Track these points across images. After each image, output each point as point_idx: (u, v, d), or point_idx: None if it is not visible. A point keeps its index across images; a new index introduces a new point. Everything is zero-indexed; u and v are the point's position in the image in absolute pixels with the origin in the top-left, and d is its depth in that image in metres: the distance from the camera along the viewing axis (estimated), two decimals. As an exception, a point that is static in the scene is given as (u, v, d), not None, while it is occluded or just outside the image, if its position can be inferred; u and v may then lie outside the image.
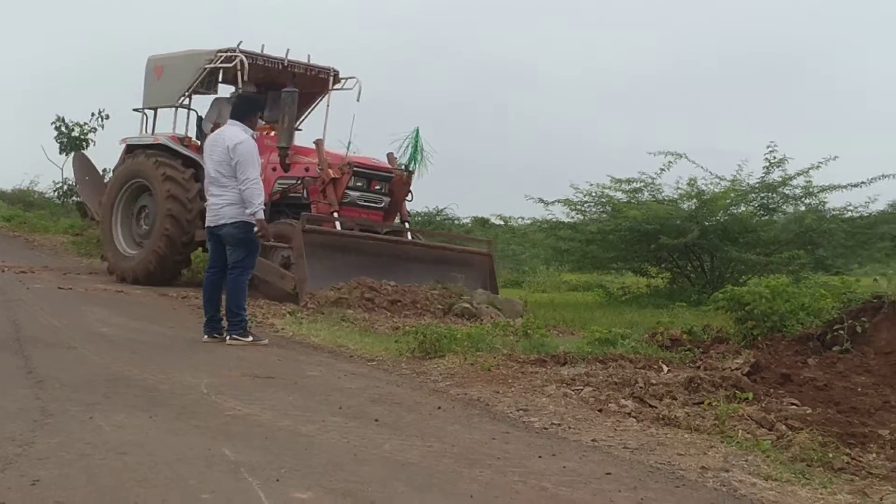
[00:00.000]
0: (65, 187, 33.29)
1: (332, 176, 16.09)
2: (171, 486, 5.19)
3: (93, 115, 31.68)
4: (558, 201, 22.74)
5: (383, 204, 17.04)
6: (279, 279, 15.28)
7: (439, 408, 7.95)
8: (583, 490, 5.71)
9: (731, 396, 8.32)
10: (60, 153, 31.72)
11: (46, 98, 58.09)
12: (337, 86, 18.26)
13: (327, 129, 17.95)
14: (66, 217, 30.20)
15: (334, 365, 9.95)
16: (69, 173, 31.65)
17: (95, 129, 31.39)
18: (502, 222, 33.87)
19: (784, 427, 7.38)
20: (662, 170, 21.83)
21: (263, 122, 17.14)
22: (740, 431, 7.31)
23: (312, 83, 18.26)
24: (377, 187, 16.92)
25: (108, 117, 31.49)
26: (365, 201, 16.65)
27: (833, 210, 21.52)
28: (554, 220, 23.71)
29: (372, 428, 7.02)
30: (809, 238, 21.07)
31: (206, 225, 11.21)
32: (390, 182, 17.19)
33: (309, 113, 18.84)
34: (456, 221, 41.15)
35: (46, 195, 36.38)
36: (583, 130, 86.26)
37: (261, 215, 10.99)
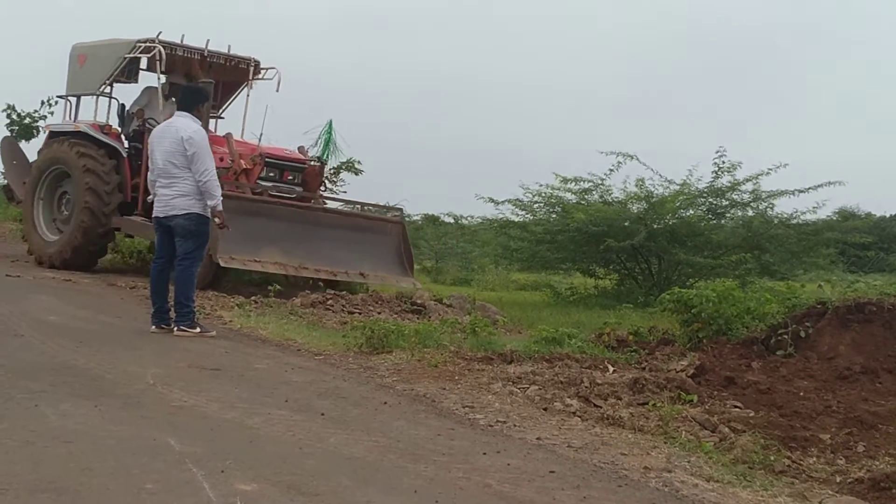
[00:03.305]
0: (14, 175, 32.98)
1: (244, 167, 16.22)
2: (115, 476, 5.19)
3: (42, 102, 31.53)
4: (508, 201, 22.76)
5: (296, 194, 17.12)
6: None
7: (385, 403, 7.97)
8: (526, 488, 5.75)
9: (676, 398, 8.40)
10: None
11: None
12: (257, 76, 18.26)
13: (247, 117, 18.16)
14: (16, 205, 29.92)
15: (282, 358, 9.93)
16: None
17: (45, 116, 31.24)
18: (453, 220, 33.87)
19: (727, 429, 7.45)
20: (612, 170, 21.86)
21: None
22: (683, 433, 7.38)
23: (233, 73, 18.27)
24: (290, 177, 17.08)
25: (56, 103, 31.35)
26: (277, 191, 16.70)
27: (780, 215, 21.67)
28: (504, 219, 23.72)
29: (318, 422, 7.04)
30: (757, 243, 21.20)
31: (155, 215, 11.12)
32: (303, 172, 17.41)
33: (231, 102, 18.88)
34: (406, 218, 41.19)
35: (-3, 182, 36.03)
36: (534, 132, 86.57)
37: (220, 207, 10.98)
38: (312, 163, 17.60)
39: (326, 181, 27.55)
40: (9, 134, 29.68)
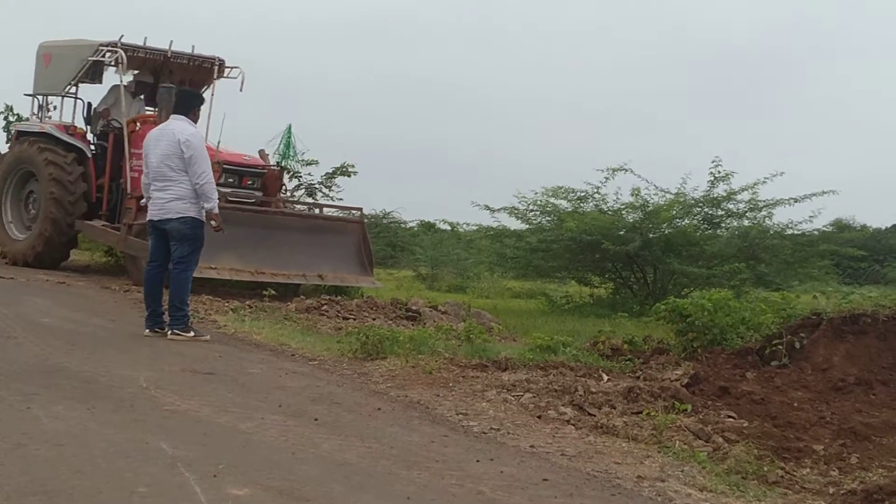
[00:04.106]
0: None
1: None
2: (107, 479, 5.17)
3: (40, 107, 31.63)
4: (504, 209, 22.73)
5: (255, 199, 17.21)
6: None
7: (379, 409, 7.95)
8: (519, 495, 5.74)
9: (670, 407, 8.38)
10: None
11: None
12: (222, 75, 18.44)
13: (211, 116, 18.05)
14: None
15: (276, 363, 9.92)
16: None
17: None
18: (449, 227, 33.87)
19: (720, 439, 7.45)
20: (607, 178, 21.80)
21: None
22: (677, 442, 7.37)
23: (198, 73, 18.52)
24: (249, 183, 17.24)
25: (55, 108, 31.51)
26: (236, 197, 16.76)
27: (776, 225, 21.64)
28: (500, 227, 23.70)
29: (311, 427, 7.02)
30: (752, 253, 21.19)
31: (149, 219, 11.10)
32: (263, 177, 17.59)
33: None
34: (402, 225, 41.24)
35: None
36: (530, 142, 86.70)
37: (216, 210, 10.97)
38: (272, 167, 17.80)
39: (324, 188, 27.60)
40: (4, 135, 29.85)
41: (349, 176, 31.67)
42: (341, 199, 32.67)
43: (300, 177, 32.79)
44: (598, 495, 5.95)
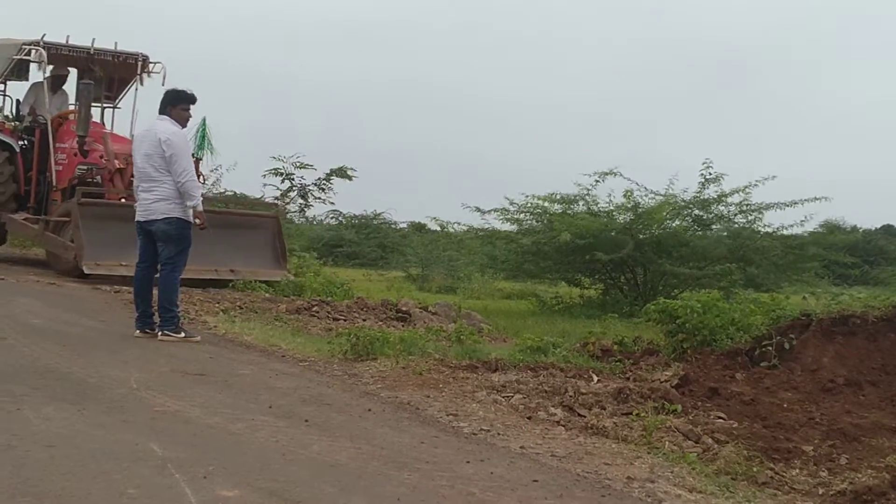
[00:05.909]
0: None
1: (118, 166, 16.92)
2: (97, 480, 5.17)
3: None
4: (495, 210, 22.69)
5: None
6: (64, 251, 16.27)
7: (369, 410, 7.95)
8: (509, 496, 5.74)
9: (660, 408, 8.39)
10: None
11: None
12: (146, 70, 18.78)
13: (136, 111, 18.73)
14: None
15: (266, 364, 9.91)
16: None
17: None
18: (439, 227, 33.88)
19: (710, 440, 7.45)
20: (598, 181, 21.77)
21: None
22: (667, 443, 7.37)
23: (123, 68, 18.94)
24: None
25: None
26: None
27: (767, 226, 21.64)
28: (490, 228, 23.66)
29: (301, 428, 7.02)
30: (742, 254, 21.20)
31: (136, 219, 11.08)
32: None
33: (125, 94, 19.48)
34: (393, 226, 41.27)
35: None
36: (520, 146, 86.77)
37: (200, 207, 10.95)
38: None
39: (317, 191, 27.73)
40: None
41: (350, 179, 31.67)
42: (332, 204, 32.65)
43: (293, 178, 32.94)
44: (587, 496, 5.96)
